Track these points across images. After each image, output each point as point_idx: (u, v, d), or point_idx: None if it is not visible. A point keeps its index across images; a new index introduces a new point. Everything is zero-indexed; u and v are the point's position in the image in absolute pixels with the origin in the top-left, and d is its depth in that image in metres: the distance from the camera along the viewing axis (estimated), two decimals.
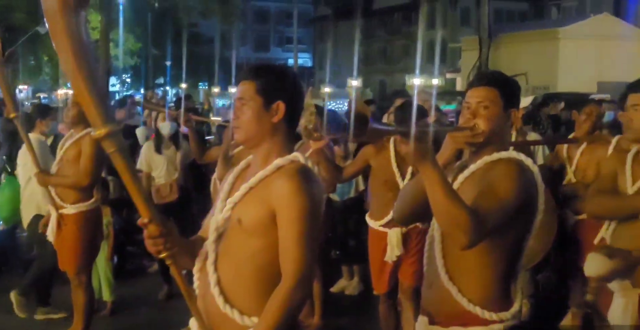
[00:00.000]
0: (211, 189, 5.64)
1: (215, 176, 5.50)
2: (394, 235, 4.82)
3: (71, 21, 2.04)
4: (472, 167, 2.60)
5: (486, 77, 2.67)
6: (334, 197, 6.76)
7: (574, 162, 5.21)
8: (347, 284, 6.87)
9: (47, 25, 2.07)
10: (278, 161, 2.44)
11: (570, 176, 5.21)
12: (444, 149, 2.68)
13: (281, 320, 2.32)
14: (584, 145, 5.22)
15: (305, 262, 2.34)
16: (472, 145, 2.60)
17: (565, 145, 5.41)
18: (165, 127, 6.72)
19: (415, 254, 4.75)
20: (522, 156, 2.58)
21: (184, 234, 2.45)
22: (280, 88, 2.45)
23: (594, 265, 3.01)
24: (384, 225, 4.86)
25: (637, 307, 3.07)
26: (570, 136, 5.48)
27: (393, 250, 4.83)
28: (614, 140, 4.65)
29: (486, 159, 2.58)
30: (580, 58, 27.14)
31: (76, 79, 2.08)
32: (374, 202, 5.02)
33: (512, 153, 2.59)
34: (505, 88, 2.62)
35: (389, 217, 4.76)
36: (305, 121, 5.19)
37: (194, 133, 5.81)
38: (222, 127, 6.76)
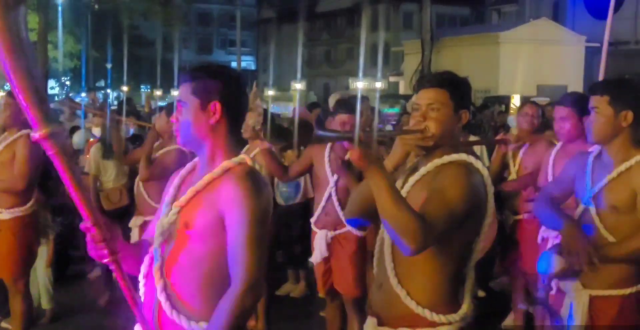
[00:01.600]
0: (135, 191, 5.54)
1: (138, 179, 5.40)
2: (319, 236, 4.85)
3: (8, 18, 1.98)
4: (423, 170, 2.58)
5: (436, 78, 2.62)
6: (280, 201, 6.75)
7: (517, 162, 5.27)
8: (292, 288, 6.85)
9: None
10: (225, 163, 2.39)
11: (513, 176, 5.26)
12: (394, 151, 2.66)
13: (231, 324, 2.28)
14: (526, 146, 5.27)
15: (255, 266, 2.30)
16: (422, 148, 2.58)
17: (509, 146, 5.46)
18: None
19: (346, 259, 4.77)
20: (472, 159, 2.56)
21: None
22: (216, 88, 2.39)
23: (546, 263, 3.04)
24: (314, 224, 4.91)
25: (588, 308, 3.10)
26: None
27: (317, 251, 4.85)
28: (560, 143, 4.66)
29: (436, 161, 2.55)
30: (520, 62, 27.70)
31: (15, 78, 2.01)
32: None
33: (462, 156, 2.56)
34: (456, 89, 2.59)
35: (317, 214, 4.85)
36: (252, 121, 5.19)
37: (119, 136, 5.71)
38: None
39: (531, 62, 27.78)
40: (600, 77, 4.57)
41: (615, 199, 3.08)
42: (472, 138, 6.63)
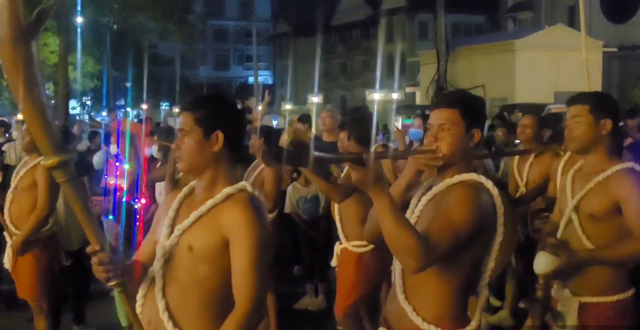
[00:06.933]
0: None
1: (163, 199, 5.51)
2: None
3: (23, 51, 2.07)
4: (434, 189, 2.61)
5: (447, 98, 2.65)
6: (303, 216, 6.87)
7: (524, 175, 5.29)
8: (310, 301, 6.90)
9: None
10: (228, 190, 2.50)
11: (522, 189, 5.27)
12: (406, 170, 2.69)
13: None
14: (531, 158, 5.30)
15: (258, 288, 2.41)
16: (432, 167, 2.60)
17: (516, 159, 5.50)
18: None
19: (339, 275, 4.91)
20: (482, 178, 2.57)
21: None
22: (219, 118, 2.51)
23: (542, 262, 3.10)
24: None
25: (577, 316, 3.17)
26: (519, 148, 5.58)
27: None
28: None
29: (448, 181, 2.58)
30: (537, 69, 27.55)
31: (26, 108, 2.11)
32: None
33: (472, 175, 2.58)
34: (467, 108, 2.60)
35: None
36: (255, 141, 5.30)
37: (134, 153, 5.83)
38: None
39: (548, 69, 27.63)
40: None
41: (593, 208, 3.17)
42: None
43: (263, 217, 2.48)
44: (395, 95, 23.40)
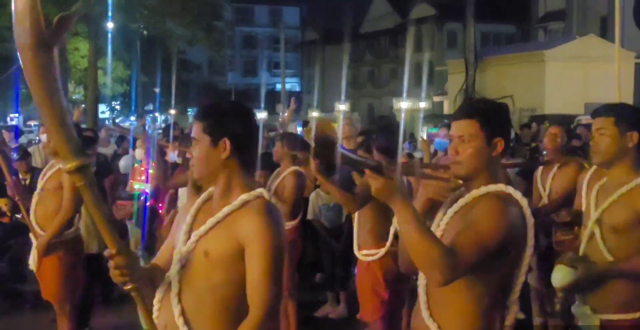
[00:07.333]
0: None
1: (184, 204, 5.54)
2: None
3: (44, 57, 2.07)
4: (461, 202, 2.54)
5: (464, 109, 2.58)
6: (326, 224, 6.86)
7: (547, 186, 5.23)
8: (331, 309, 6.88)
9: (20, 59, 2.11)
10: (244, 196, 2.49)
11: (544, 200, 5.20)
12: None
13: None
14: (555, 169, 5.23)
15: (272, 295, 2.40)
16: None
17: (539, 169, 5.44)
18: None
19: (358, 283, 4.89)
20: (510, 189, 2.50)
21: None
22: (225, 125, 2.51)
23: (559, 276, 3.06)
24: None
25: None
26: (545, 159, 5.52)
27: None
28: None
29: (474, 193, 2.50)
30: (567, 80, 27.28)
31: (46, 113, 2.11)
32: None
33: (500, 186, 2.50)
34: (487, 117, 2.51)
35: None
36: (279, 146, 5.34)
37: (161, 159, 5.88)
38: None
39: (578, 79, 27.34)
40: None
41: (615, 221, 3.13)
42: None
43: (279, 224, 2.46)
44: (422, 104, 23.29)
